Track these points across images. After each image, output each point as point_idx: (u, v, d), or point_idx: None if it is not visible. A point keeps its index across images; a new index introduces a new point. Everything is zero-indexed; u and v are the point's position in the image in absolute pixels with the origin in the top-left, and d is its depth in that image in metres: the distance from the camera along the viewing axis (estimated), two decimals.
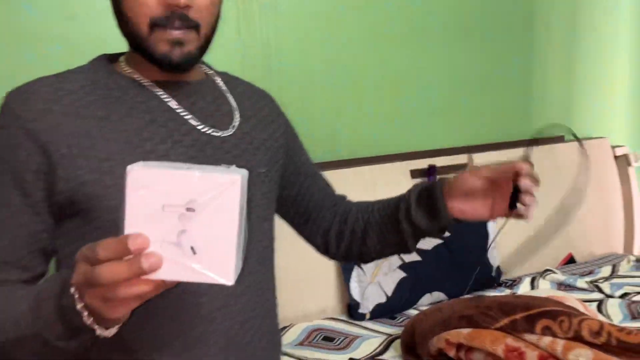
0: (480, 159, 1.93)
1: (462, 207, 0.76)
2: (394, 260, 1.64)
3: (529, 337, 1.12)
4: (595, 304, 1.61)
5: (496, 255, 1.81)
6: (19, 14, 1.39)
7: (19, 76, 1.43)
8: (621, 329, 1.04)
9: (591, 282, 1.79)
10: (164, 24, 0.66)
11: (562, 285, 1.78)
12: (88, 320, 0.50)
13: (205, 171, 0.45)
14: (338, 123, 1.77)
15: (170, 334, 0.69)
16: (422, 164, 1.86)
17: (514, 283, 1.81)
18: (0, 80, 1.39)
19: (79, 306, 0.49)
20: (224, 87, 0.81)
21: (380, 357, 1.38)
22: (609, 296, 1.67)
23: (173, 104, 0.72)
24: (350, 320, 1.60)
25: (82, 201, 0.65)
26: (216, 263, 0.45)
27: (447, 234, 1.70)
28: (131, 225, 0.44)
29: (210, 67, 0.85)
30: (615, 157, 2.15)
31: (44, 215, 0.67)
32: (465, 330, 1.21)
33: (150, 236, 0.44)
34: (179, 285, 0.58)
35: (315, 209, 0.91)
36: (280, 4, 1.63)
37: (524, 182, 0.70)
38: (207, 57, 0.79)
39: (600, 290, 1.72)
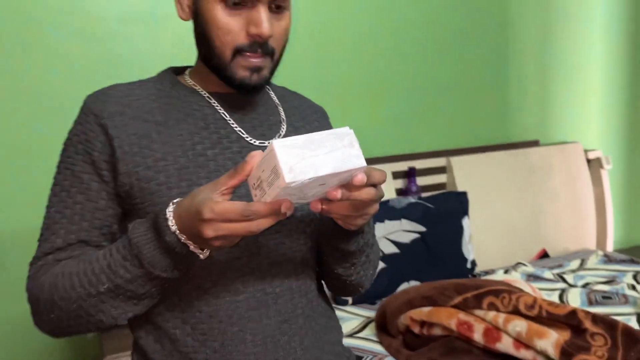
0: (458, 162, 2.11)
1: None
2: None
3: (478, 312, 1.30)
4: (557, 293, 1.77)
5: (471, 249, 1.98)
6: (47, 36, 1.61)
7: (46, 89, 1.67)
8: (550, 303, 1.21)
9: (558, 274, 1.95)
10: (246, 51, 0.73)
11: (531, 277, 1.94)
12: (196, 249, 0.63)
13: (340, 163, 0.58)
14: None
15: (211, 329, 0.74)
16: (403, 166, 2.05)
17: (487, 275, 1.98)
18: (29, 92, 1.62)
19: (183, 239, 0.63)
20: (276, 100, 0.87)
21: (357, 335, 1.56)
22: (572, 285, 1.84)
23: (226, 114, 0.79)
24: (335, 305, 1.79)
25: (138, 195, 0.73)
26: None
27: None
28: (278, 198, 0.58)
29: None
30: (588, 161, 2.30)
31: (114, 202, 0.74)
32: (426, 309, 1.39)
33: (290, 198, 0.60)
34: (217, 285, 0.73)
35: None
36: None
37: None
38: None
39: (564, 281, 1.88)
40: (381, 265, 1.82)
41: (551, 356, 1.13)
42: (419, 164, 2.09)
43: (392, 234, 1.86)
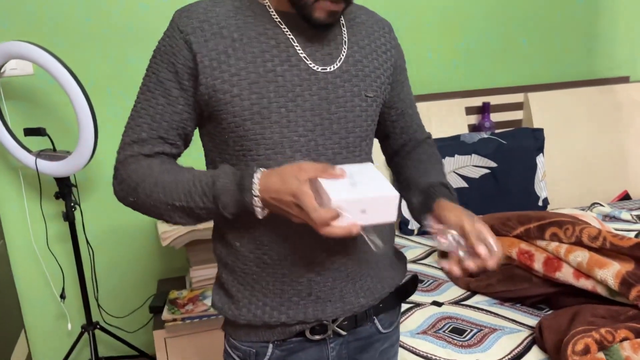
0: (536, 97, 2.04)
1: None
2: None
3: (540, 242, 1.31)
4: (634, 234, 1.72)
5: (543, 187, 1.95)
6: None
7: (137, 23, 1.76)
8: (615, 235, 1.20)
9: (637, 215, 1.88)
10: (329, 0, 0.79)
11: (607, 217, 1.89)
12: (258, 204, 0.76)
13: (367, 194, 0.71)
14: None
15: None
16: (477, 101, 2.02)
17: None
18: (121, 25, 1.75)
19: (255, 192, 0.76)
20: (342, 21, 0.91)
21: (420, 261, 1.63)
22: None
23: (293, 38, 0.86)
24: (401, 235, 1.86)
25: (215, 105, 0.82)
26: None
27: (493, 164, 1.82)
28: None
29: None
30: None
31: (191, 107, 0.84)
32: None
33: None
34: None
35: (391, 136, 1.05)
36: None
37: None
38: None
39: None
40: None
41: (611, 286, 1.14)
42: (494, 100, 2.05)
43: (462, 169, 1.87)
